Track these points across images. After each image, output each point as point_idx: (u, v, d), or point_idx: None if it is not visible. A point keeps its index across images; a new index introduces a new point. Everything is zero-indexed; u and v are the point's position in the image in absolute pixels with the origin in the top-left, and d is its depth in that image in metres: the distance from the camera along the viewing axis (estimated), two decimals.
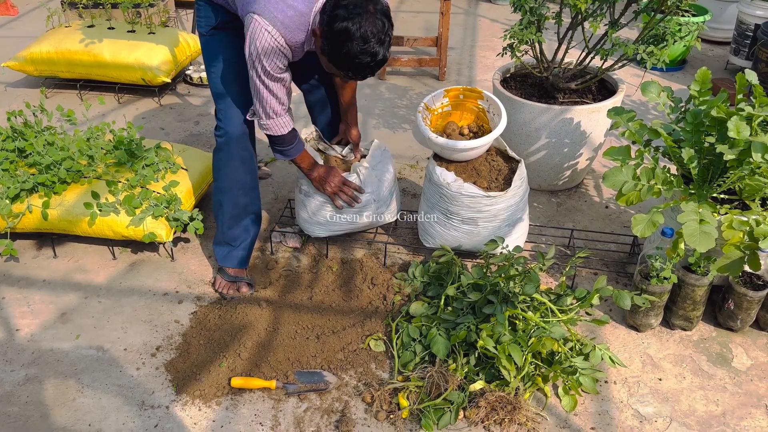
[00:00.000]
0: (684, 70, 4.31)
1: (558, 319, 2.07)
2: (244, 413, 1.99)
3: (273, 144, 2.30)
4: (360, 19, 1.83)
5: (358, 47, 1.86)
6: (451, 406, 1.95)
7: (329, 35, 1.88)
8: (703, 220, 1.93)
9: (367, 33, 1.84)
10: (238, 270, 2.45)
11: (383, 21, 1.87)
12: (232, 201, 2.39)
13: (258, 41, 1.95)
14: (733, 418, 1.98)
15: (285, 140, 2.27)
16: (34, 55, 3.84)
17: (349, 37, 1.85)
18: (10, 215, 2.52)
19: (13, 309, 2.40)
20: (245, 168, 2.36)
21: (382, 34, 1.88)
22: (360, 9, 1.84)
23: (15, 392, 2.07)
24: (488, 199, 2.35)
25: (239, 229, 2.43)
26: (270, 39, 1.94)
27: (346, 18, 1.83)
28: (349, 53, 1.88)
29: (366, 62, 1.90)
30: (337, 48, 1.89)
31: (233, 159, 2.32)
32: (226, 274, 2.42)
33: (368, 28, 1.84)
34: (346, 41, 1.86)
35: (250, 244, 2.48)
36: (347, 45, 1.86)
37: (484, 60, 4.52)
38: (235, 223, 2.42)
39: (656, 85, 2.36)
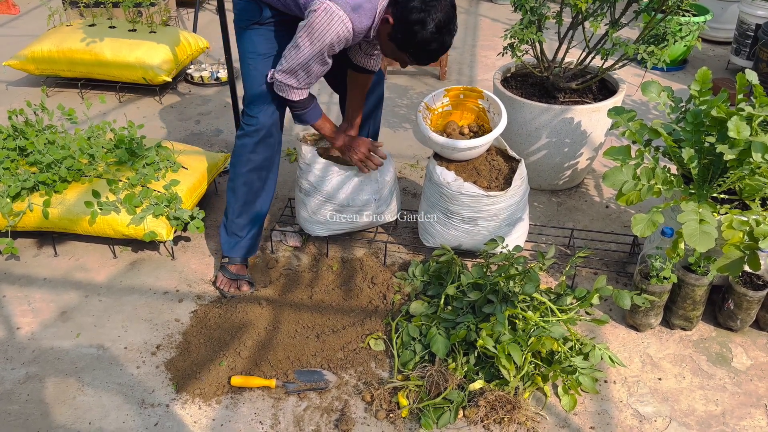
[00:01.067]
0: (684, 70, 4.31)
1: (558, 319, 2.07)
2: (243, 412, 1.99)
3: (291, 108, 2.35)
4: (434, 11, 1.98)
5: (432, 36, 2.01)
6: (451, 406, 1.95)
7: (404, 24, 2.01)
8: (703, 220, 1.93)
9: (441, 23, 2.00)
10: (240, 267, 2.45)
11: (452, 13, 2.04)
12: (248, 187, 2.41)
13: (326, 25, 2.02)
14: (733, 418, 1.98)
15: (301, 104, 2.31)
16: (36, 54, 3.85)
17: (425, 27, 1.99)
18: (11, 214, 2.52)
19: (14, 307, 2.40)
20: (268, 157, 2.39)
21: (452, 24, 2.05)
22: (434, 1, 1.98)
23: (15, 390, 2.07)
24: (488, 199, 2.35)
25: (248, 217, 2.44)
26: (340, 25, 2.02)
27: (422, 9, 1.97)
28: (422, 41, 2.02)
29: (435, 49, 2.06)
30: (411, 36, 2.03)
31: (259, 146, 2.34)
32: (227, 271, 2.43)
33: (442, 18, 1.99)
34: (421, 30, 2.00)
35: (256, 234, 2.49)
36: (421, 34, 2.01)
37: (484, 60, 4.52)
38: (245, 211, 2.43)
39: (656, 84, 2.36)
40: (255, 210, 2.45)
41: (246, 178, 2.39)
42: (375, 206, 2.54)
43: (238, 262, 2.45)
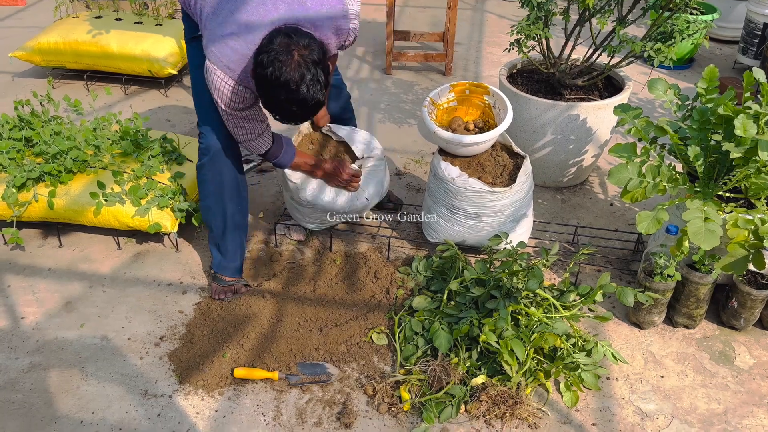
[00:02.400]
0: (691, 68, 4.30)
1: (561, 315, 2.07)
2: (246, 404, 2.00)
3: (264, 158, 2.32)
4: (281, 66, 1.77)
5: (282, 95, 1.82)
6: (453, 400, 1.96)
7: (255, 80, 1.86)
8: (708, 218, 1.93)
9: (288, 81, 1.78)
10: (235, 278, 2.41)
11: (310, 68, 1.80)
12: (222, 216, 2.34)
13: (213, 86, 1.95)
14: (735, 417, 1.98)
15: (271, 154, 2.28)
16: (42, 46, 3.85)
17: (271, 84, 1.80)
18: (16, 204, 2.53)
19: (19, 297, 2.41)
20: (231, 181, 2.29)
21: (309, 81, 1.80)
22: (283, 56, 1.77)
23: (19, 379, 2.08)
24: (493, 195, 2.35)
25: (231, 243, 2.37)
26: (221, 83, 1.92)
27: (267, 65, 1.78)
28: (275, 99, 1.84)
29: (293, 111, 1.87)
30: (262, 94, 1.87)
31: (215, 165, 2.24)
32: (221, 281, 2.38)
33: (290, 75, 1.78)
34: (269, 88, 1.82)
35: (242, 253, 2.43)
36: (271, 92, 1.82)
37: (490, 56, 4.51)
38: (226, 238, 2.36)
39: (663, 82, 2.36)
40: (234, 235, 2.38)
41: (214, 198, 2.31)
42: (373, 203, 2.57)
43: (228, 274, 2.40)
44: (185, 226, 2.72)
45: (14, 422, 1.94)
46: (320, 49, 1.85)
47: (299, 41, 1.80)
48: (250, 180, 3.07)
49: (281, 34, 1.81)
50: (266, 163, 3.23)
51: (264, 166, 3.21)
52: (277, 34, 1.82)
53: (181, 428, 1.93)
